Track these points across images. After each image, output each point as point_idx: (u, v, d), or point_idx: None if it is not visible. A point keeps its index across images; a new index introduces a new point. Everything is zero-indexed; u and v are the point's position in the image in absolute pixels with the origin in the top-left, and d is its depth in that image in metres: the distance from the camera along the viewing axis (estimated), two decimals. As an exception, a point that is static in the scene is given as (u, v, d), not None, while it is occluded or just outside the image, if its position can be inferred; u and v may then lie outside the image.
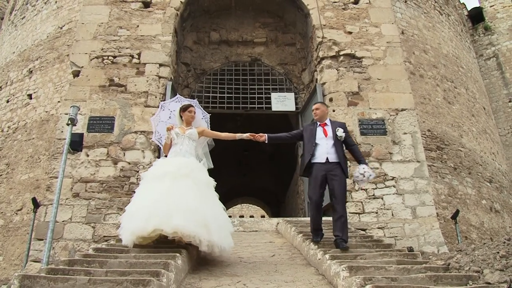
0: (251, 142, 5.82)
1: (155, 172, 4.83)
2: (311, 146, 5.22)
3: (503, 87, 18.99)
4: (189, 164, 4.84)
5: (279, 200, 21.08)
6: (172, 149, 5.11)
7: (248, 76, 10.60)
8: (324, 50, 9.12)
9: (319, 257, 4.54)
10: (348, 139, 5.40)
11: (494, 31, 19.95)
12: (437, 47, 14.03)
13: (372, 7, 9.64)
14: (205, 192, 4.76)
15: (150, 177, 4.82)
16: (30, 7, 14.77)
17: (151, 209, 4.32)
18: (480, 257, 4.15)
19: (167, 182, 4.57)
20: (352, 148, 5.41)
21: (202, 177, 4.85)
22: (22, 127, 11.89)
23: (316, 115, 5.45)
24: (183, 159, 4.92)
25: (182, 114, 5.26)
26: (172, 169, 4.70)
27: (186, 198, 4.42)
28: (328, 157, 5.11)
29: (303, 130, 5.53)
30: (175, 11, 9.40)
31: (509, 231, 12.39)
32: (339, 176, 5.05)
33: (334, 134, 5.23)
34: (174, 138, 5.10)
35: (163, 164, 4.96)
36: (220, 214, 4.77)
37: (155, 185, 4.63)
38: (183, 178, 4.62)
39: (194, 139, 5.17)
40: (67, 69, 11.19)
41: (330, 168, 5.05)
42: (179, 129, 5.16)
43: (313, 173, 5.13)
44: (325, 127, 5.34)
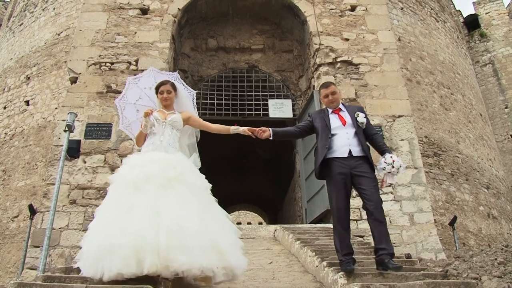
0: (248, 147, 5.45)
1: (130, 176, 3.42)
2: (326, 138, 4.06)
3: (499, 94, 19.08)
4: (178, 164, 3.57)
5: (276, 206, 21.02)
6: (148, 141, 3.83)
7: (245, 83, 10.63)
8: (321, 56, 9.16)
9: (317, 264, 4.53)
10: (369, 125, 4.24)
11: (489, 38, 20.08)
12: (433, 53, 14.09)
13: (369, 14, 9.70)
14: (205, 200, 3.55)
15: (124, 184, 3.41)
16: (28, 13, 14.78)
17: (136, 243, 2.96)
18: (478, 264, 4.16)
19: (151, 194, 3.25)
20: (374, 137, 4.22)
21: (198, 181, 3.61)
22: (19, 134, 11.86)
23: (331, 101, 4.27)
24: (167, 156, 3.65)
25: (157, 96, 4.03)
26: (157, 172, 3.39)
27: (184, 216, 3.18)
28: (352, 150, 3.98)
29: (312, 120, 4.33)
30: (173, 18, 9.43)
31: (507, 238, 12.39)
32: (369, 173, 3.95)
33: (354, 121, 4.12)
34: (154, 125, 3.81)
35: (141, 163, 3.55)
36: (228, 226, 3.61)
37: (134, 199, 3.26)
38: (174, 185, 3.38)
39: (178, 128, 3.91)
40: (65, 76, 11.19)
41: (355, 164, 3.93)
42: (159, 113, 3.89)
43: (332, 173, 3.97)
44: (341, 113, 4.23)
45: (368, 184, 3.87)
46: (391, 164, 3.91)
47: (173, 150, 3.76)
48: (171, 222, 3.08)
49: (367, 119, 4.20)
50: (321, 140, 4.12)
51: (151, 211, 3.14)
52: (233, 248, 3.39)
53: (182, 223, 3.13)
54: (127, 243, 2.94)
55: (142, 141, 3.90)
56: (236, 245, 3.51)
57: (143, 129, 3.81)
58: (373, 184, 3.90)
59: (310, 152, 9.19)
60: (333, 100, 4.26)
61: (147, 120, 3.78)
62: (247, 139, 5.17)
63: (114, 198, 3.38)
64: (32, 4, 14.87)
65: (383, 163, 3.96)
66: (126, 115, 4.29)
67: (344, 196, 3.92)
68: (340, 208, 3.90)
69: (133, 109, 4.23)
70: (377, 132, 4.36)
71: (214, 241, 3.22)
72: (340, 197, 3.91)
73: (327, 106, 4.30)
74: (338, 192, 3.92)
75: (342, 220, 3.91)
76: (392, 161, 3.91)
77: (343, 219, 3.91)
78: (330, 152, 4.00)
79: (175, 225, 3.09)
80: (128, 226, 3.05)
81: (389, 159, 3.94)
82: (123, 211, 3.18)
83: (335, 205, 3.92)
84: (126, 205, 3.22)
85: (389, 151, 4.07)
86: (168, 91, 3.94)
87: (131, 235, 2.98)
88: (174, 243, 3.00)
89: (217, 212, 3.61)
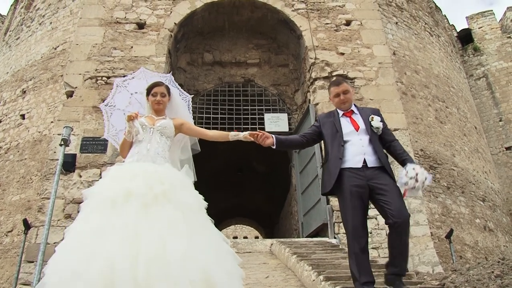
0: (244, 161, 5.34)
1: (108, 192, 2.79)
2: (339, 146, 3.52)
3: (494, 107, 19.22)
4: (166, 177, 2.94)
5: (273, 221, 20.95)
6: (133, 149, 3.26)
7: (241, 97, 10.67)
8: (317, 71, 9.22)
9: (313, 278, 4.50)
10: (386, 131, 3.69)
11: (483, 52, 20.29)
12: (428, 67, 14.22)
13: (364, 28, 9.80)
14: (197, 222, 2.87)
15: (100, 201, 2.77)
16: (25, 27, 14.84)
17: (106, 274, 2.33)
18: (475, 277, 4.14)
19: (131, 214, 2.64)
20: (392, 145, 3.65)
21: (189, 199, 2.94)
22: (14, 147, 11.81)
23: (343, 102, 3.72)
24: (153, 167, 3.04)
25: (148, 98, 3.48)
26: (140, 187, 2.78)
27: (170, 241, 2.56)
28: (366, 160, 3.45)
29: (320, 125, 3.76)
30: (169, 32, 9.49)
31: (504, 250, 12.38)
32: (390, 184, 3.41)
33: (368, 126, 3.60)
34: (139, 132, 3.24)
35: (123, 176, 2.92)
36: (224, 253, 2.91)
37: (110, 219, 2.62)
38: (160, 204, 2.76)
39: (169, 136, 3.34)
40: (61, 90, 11.19)
41: (372, 175, 3.41)
42: (147, 119, 3.35)
43: (345, 185, 3.42)
44: (353, 116, 3.70)
45: (393, 197, 3.32)
46: (414, 178, 3.29)
47: (161, 160, 3.17)
48: (152, 248, 2.48)
49: (384, 124, 3.67)
50: (333, 150, 3.55)
51: (129, 235, 2.51)
52: (230, 279, 2.75)
53: (166, 250, 2.51)
54: (94, 272, 2.32)
55: (126, 151, 3.32)
56: (234, 274, 2.85)
57: (127, 136, 3.27)
58: (398, 197, 3.36)
59: (306, 166, 9.20)
60: (345, 101, 3.70)
61: (130, 125, 3.24)
62: (243, 153, 5.13)
63: (87, 217, 2.75)
64: (29, 18, 14.95)
65: (404, 177, 3.34)
66: (113, 122, 3.74)
67: (361, 212, 3.39)
68: (356, 226, 3.34)
69: (121, 116, 3.64)
70: (396, 139, 3.71)
71: (205, 271, 2.58)
72: (356, 213, 3.35)
73: (338, 107, 3.75)
74: (354, 208, 3.36)
75: (360, 240, 3.33)
76: (416, 174, 3.30)
77: (361, 239, 3.34)
78: (343, 162, 3.48)
79: (158, 251, 2.48)
80: (98, 252, 2.41)
81: (411, 172, 3.32)
82: (94, 233, 2.55)
83: (351, 222, 3.35)
84: (100, 227, 2.59)
85: (411, 160, 3.48)
86: (162, 94, 3.42)
87: (100, 263, 2.34)
88: (155, 274, 2.38)
89: (212, 236, 2.91)
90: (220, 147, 12.84)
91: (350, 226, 3.37)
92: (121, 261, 2.37)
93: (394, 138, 3.72)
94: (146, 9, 9.77)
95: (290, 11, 9.98)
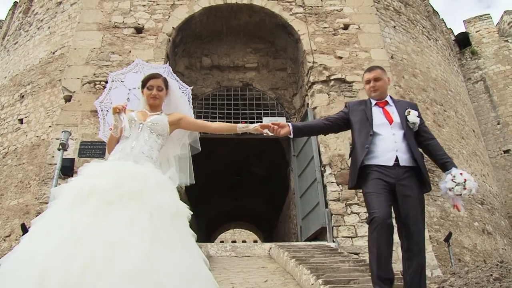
0: (243, 165, 5.19)
1: (73, 189, 2.38)
2: (366, 135, 3.14)
3: (491, 110, 19.26)
4: (141, 176, 2.49)
5: (271, 224, 20.94)
6: (118, 146, 2.88)
7: (239, 101, 10.69)
8: (315, 74, 9.24)
9: (312, 282, 4.49)
10: (424, 128, 3.26)
11: (480, 55, 20.36)
12: (426, 71, 14.26)
13: (362, 32, 9.83)
14: (169, 230, 2.30)
15: (64, 199, 2.37)
16: (23, 32, 14.86)
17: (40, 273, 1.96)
18: (473, 280, 4.14)
19: (86, 213, 2.22)
20: (431, 144, 3.22)
21: (165, 201, 2.40)
22: (13, 152, 11.79)
23: (374, 89, 3.35)
24: (132, 166, 2.61)
25: (143, 92, 3.09)
26: (109, 184, 2.35)
27: (122, 247, 2.05)
28: (399, 157, 3.05)
29: (349, 111, 3.36)
30: (167, 36, 9.51)
31: (502, 253, 12.38)
32: (417, 191, 3.03)
33: (403, 120, 3.18)
34: (126, 127, 2.84)
35: (95, 174, 2.49)
36: (198, 277, 2.24)
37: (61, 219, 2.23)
38: (124, 203, 2.29)
39: (160, 133, 2.92)
40: (59, 94, 11.19)
41: (402, 175, 3.02)
42: (138, 114, 2.96)
43: (370, 179, 3.05)
44: (387, 108, 3.29)
45: (414, 207, 2.95)
46: (462, 185, 2.91)
47: (145, 160, 2.73)
48: (96, 250, 2.01)
49: (421, 120, 3.25)
50: (359, 138, 3.17)
51: (74, 236, 2.09)
52: None
53: (113, 256, 2.00)
54: (26, 274, 1.97)
55: (112, 147, 2.93)
56: None
57: (113, 131, 2.88)
58: (420, 208, 3.00)
59: (304, 169, 9.20)
60: (376, 88, 3.32)
61: (117, 119, 2.84)
62: (242, 157, 5.11)
63: (44, 214, 2.39)
64: (27, 23, 14.96)
65: (450, 182, 2.95)
66: (109, 121, 3.36)
67: (386, 203, 2.95)
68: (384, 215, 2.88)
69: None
70: (434, 138, 3.29)
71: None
72: (382, 203, 2.93)
73: (369, 95, 3.39)
74: (378, 196, 2.95)
75: (387, 227, 2.88)
76: (464, 180, 2.91)
77: (388, 227, 2.89)
78: (370, 158, 3.08)
79: (102, 254, 2.00)
80: (37, 251, 2.08)
81: (459, 177, 2.93)
82: (42, 232, 2.21)
83: (377, 211, 2.91)
84: (49, 225, 2.24)
85: (454, 164, 3.08)
86: (158, 88, 3.01)
87: (35, 264, 2.00)
88: (91, 279, 1.92)
89: (186, 252, 2.30)
90: (220, 149, 12.85)
91: (378, 217, 2.89)
92: (56, 265, 1.98)
93: (433, 137, 3.28)
94: (144, 13, 9.79)
95: (288, 15, 10.02)
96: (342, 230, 7.48)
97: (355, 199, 7.89)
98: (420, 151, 3.17)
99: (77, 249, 2.02)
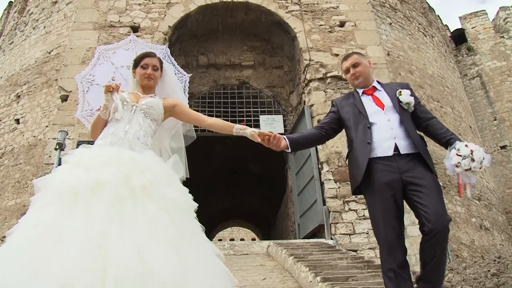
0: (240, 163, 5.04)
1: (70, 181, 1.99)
2: (364, 129, 2.78)
3: (488, 106, 19.31)
4: (147, 167, 2.17)
5: (269, 222, 20.95)
6: (108, 129, 2.49)
7: (236, 99, 10.69)
8: (312, 72, 9.24)
9: (310, 279, 4.50)
10: (420, 108, 2.92)
11: (476, 52, 20.40)
12: (422, 67, 14.28)
13: (358, 29, 9.84)
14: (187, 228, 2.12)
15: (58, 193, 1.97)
16: (18, 32, 14.79)
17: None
18: (471, 276, 4.16)
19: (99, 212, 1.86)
20: (430, 124, 2.84)
21: (177, 196, 2.18)
22: (9, 152, 11.75)
23: (355, 77, 3.01)
24: (131, 154, 2.26)
25: (135, 71, 2.73)
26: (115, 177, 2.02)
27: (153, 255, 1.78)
28: (398, 145, 2.68)
29: (338, 109, 3.01)
30: (163, 35, 9.49)
31: (500, 249, 12.43)
32: (428, 178, 2.63)
33: (396, 102, 2.84)
34: (118, 108, 2.47)
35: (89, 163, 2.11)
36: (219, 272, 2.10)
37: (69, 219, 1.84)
38: (138, 200, 1.98)
39: (155, 118, 2.59)
40: (55, 94, 11.15)
41: (406, 166, 2.64)
42: (129, 96, 2.61)
43: (375, 182, 2.66)
44: (376, 94, 2.95)
45: (430, 197, 2.53)
46: (469, 157, 2.47)
47: (141, 147, 2.41)
48: (126, 263, 1.69)
49: (416, 99, 2.91)
50: (358, 134, 2.80)
51: (92, 242, 1.72)
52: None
53: (146, 264, 1.72)
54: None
55: (98, 131, 2.55)
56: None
57: (102, 112, 2.51)
58: (437, 196, 2.57)
59: (302, 167, 9.21)
60: (358, 75, 2.99)
61: (108, 99, 2.48)
62: (238, 155, 5.10)
63: (36, 214, 1.96)
64: (22, 23, 14.90)
65: (455, 156, 2.52)
66: (89, 99, 3.04)
67: (395, 217, 2.62)
68: (390, 239, 2.58)
69: (100, 94, 2.83)
70: (434, 116, 2.91)
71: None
72: (389, 220, 2.60)
73: (353, 85, 3.07)
74: (385, 211, 2.61)
75: (396, 254, 2.57)
76: (470, 150, 2.48)
77: (396, 252, 2.58)
78: (372, 151, 2.72)
79: (134, 267, 1.69)
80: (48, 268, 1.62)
81: (464, 149, 2.50)
82: (46, 238, 1.75)
83: (383, 235, 2.60)
84: (54, 229, 1.79)
85: (455, 138, 2.67)
86: (154, 67, 2.69)
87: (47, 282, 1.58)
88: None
89: (204, 249, 2.13)
90: (216, 148, 12.84)
91: (383, 238, 2.61)
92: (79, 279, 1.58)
93: (432, 116, 2.91)
94: (140, 12, 9.77)
95: (284, 13, 10.01)
96: (340, 227, 7.50)
97: (353, 196, 7.90)
98: (419, 135, 2.81)
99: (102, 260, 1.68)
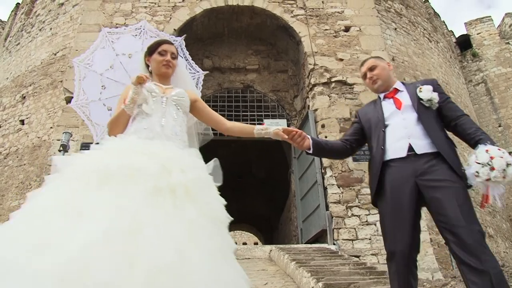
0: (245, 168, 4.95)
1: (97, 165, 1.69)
2: (379, 133, 2.52)
3: (493, 112, 19.25)
4: (189, 166, 1.90)
5: (272, 226, 20.92)
6: (138, 125, 2.14)
7: (240, 103, 10.70)
8: (316, 76, 9.24)
9: (312, 285, 4.49)
10: (448, 104, 2.53)
11: (481, 58, 20.35)
12: (427, 73, 14.25)
13: (363, 34, 9.83)
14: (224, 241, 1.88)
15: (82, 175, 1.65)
16: (25, 33, 14.89)
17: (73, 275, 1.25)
18: (474, 284, 4.13)
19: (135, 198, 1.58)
20: (460, 122, 2.47)
21: (215, 205, 1.97)
22: (14, 153, 11.81)
23: (373, 81, 2.71)
24: (174, 148, 1.99)
25: (149, 59, 2.39)
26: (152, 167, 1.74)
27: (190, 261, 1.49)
28: (413, 145, 2.38)
29: (360, 120, 2.74)
30: (169, 38, 9.51)
31: (504, 256, 12.35)
32: (451, 181, 2.26)
33: (415, 100, 2.50)
34: (149, 102, 2.17)
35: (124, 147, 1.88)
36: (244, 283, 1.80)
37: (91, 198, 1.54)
38: (179, 201, 1.69)
39: (186, 111, 2.32)
40: (60, 95, 11.21)
41: (423, 168, 2.31)
42: (156, 87, 2.24)
43: (386, 190, 2.40)
44: (397, 96, 2.61)
45: (452, 204, 2.20)
46: (488, 165, 2.12)
47: (179, 143, 2.11)
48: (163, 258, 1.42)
49: (443, 95, 2.54)
50: (373, 141, 2.57)
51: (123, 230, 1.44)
52: None
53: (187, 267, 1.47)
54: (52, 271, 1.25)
55: (121, 128, 2.17)
56: None
57: (128, 107, 2.15)
58: (462, 202, 2.24)
59: (305, 171, 9.20)
60: (376, 78, 2.69)
61: (137, 92, 2.15)
62: (243, 159, 5.08)
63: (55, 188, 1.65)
64: (29, 24, 14.99)
65: (475, 164, 2.17)
66: (85, 88, 2.73)
67: (405, 224, 2.32)
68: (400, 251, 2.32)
69: (97, 82, 2.60)
70: (465, 114, 2.54)
71: None
72: (398, 227, 2.32)
73: (373, 90, 2.76)
74: (394, 217, 2.35)
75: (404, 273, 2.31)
76: (490, 158, 2.11)
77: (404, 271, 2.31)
78: (385, 154, 2.47)
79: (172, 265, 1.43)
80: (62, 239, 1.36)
81: (483, 155, 2.14)
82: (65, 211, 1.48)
83: (394, 246, 2.36)
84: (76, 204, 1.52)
85: (485, 139, 2.27)
86: (172, 55, 2.36)
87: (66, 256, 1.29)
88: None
89: (237, 270, 1.81)
90: (220, 152, 12.84)
91: (387, 245, 2.43)
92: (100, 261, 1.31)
93: (462, 113, 2.53)
94: (146, 15, 9.80)
95: (289, 17, 10.03)
96: (342, 233, 7.48)
97: (356, 201, 7.89)
98: (444, 133, 2.48)
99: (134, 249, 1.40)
